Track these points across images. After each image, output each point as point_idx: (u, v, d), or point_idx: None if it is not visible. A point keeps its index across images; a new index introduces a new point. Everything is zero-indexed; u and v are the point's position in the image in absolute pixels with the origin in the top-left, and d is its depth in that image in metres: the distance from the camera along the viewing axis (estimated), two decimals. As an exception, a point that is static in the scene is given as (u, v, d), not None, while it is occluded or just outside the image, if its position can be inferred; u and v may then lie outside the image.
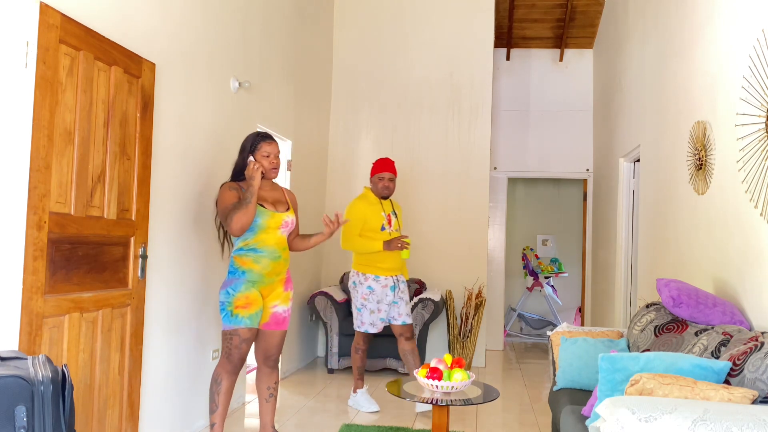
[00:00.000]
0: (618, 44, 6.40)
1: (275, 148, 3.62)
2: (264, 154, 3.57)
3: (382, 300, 4.64)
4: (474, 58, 6.72)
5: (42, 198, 2.53)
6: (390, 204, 4.79)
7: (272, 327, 3.60)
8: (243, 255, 3.51)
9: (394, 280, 4.69)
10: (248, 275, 3.48)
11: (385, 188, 4.69)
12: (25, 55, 2.47)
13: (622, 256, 6.04)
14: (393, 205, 4.82)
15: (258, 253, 3.50)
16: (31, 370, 1.94)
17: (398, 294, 4.69)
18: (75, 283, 2.75)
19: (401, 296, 4.71)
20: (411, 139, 6.76)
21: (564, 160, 7.87)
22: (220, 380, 3.48)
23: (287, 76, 5.49)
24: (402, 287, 4.74)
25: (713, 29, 3.61)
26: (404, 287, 4.77)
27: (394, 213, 4.77)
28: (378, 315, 4.66)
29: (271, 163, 3.59)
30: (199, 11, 3.90)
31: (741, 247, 3.11)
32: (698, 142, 3.75)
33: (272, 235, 3.54)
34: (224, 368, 3.48)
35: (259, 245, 3.51)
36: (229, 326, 3.45)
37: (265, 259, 3.51)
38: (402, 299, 4.70)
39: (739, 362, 2.34)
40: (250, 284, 3.48)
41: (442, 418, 3.17)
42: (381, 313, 4.66)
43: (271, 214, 3.53)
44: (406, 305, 4.72)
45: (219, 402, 3.48)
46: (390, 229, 4.69)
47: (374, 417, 4.50)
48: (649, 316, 3.46)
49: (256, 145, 3.58)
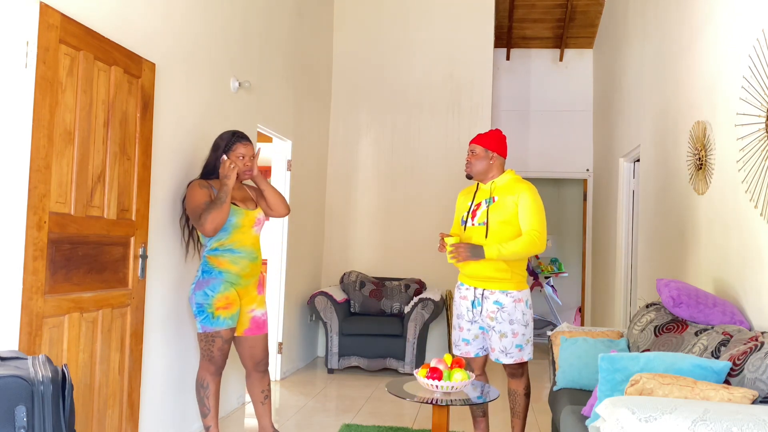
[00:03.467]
0: (618, 44, 6.40)
1: (250, 150, 3.53)
2: (238, 156, 3.48)
3: (461, 315, 3.58)
4: (474, 58, 6.72)
5: (42, 198, 2.53)
6: (489, 189, 3.53)
7: (254, 332, 3.55)
8: (219, 255, 3.41)
9: (476, 294, 3.50)
10: (226, 276, 3.40)
11: (467, 164, 3.57)
12: (25, 55, 2.47)
13: (622, 256, 6.04)
14: (493, 190, 3.51)
15: (236, 254, 3.42)
16: (31, 370, 1.94)
17: (483, 315, 3.47)
18: (75, 283, 2.75)
19: (489, 321, 3.46)
20: (411, 139, 6.75)
21: (564, 160, 7.87)
22: (207, 384, 3.43)
23: (287, 76, 5.49)
24: (491, 307, 3.45)
25: (713, 29, 3.61)
26: (497, 309, 3.44)
27: (490, 200, 3.48)
28: (459, 333, 3.59)
29: (245, 165, 3.50)
30: (200, 11, 3.90)
31: (741, 247, 3.11)
32: (698, 142, 3.75)
33: (248, 235, 3.46)
34: (208, 371, 3.42)
35: (236, 245, 3.42)
36: (211, 328, 3.36)
37: (243, 260, 3.44)
38: (492, 327, 3.46)
39: (739, 362, 2.34)
40: (228, 284, 3.39)
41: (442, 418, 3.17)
42: (462, 331, 3.57)
43: (245, 213, 3.46)
44: (500, 337, 3.44)
45: (210, 405, 3.43)
46: (473, 223, 3.51)
47: (374, 417, 4.50)
48: (649, 316, 3.46)
49: (231, 146, 3.49)
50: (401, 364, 5.81)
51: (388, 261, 6.69)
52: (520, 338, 3.45)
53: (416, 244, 6.60)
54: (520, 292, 3.46)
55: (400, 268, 6.67)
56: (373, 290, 6.20)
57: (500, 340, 3.43)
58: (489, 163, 3.50)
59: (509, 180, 3.52)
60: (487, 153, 3.50)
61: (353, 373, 5.91)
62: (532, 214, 3.41)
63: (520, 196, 3.41)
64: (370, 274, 6.67)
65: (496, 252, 3.33)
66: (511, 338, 3.43)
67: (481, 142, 3.50)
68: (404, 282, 6.29)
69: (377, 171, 6.77)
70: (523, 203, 3.41)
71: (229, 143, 3.51)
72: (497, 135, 3.54)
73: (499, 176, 3.53)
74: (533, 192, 3.45)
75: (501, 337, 3.43)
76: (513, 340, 3.44)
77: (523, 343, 3.46)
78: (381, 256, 6.71)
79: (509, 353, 3.44)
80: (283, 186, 5.55)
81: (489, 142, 3.50)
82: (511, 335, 3.43)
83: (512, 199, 3.42)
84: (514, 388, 3.63)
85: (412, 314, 5.81)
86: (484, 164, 3.50)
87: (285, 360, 5.63)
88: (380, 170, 6.76)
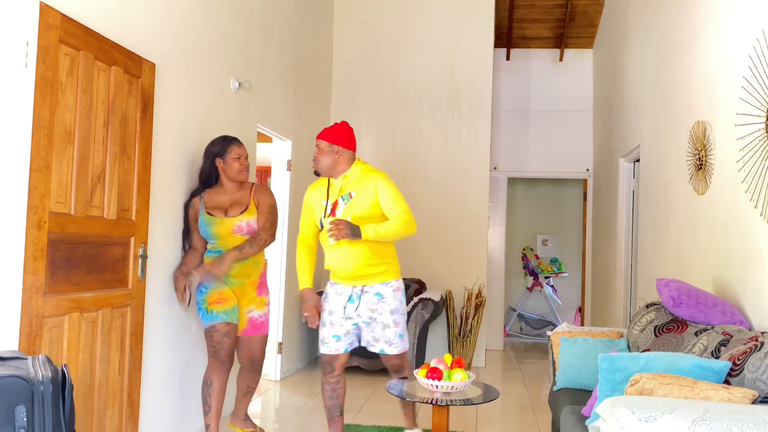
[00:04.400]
0: (618, 44, 6.40)
1: (244, 150, 3.70)
2: (235, 156, 3.64)
3: (334, 311, 3.48)
4: (474, 58, 6.72)
5: (42, 198, 2.53)
6: (342, 185, 3.43)
7: (251, 332, 3.70)
8: (211, 257, 3.60)
9: (353, 291, 3.45)
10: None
11: (313, 161, 3.47)
12: (25, 55, 2.47)
13: (622, 256, 6.04)
14: (346, 186, 3.41)
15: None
16: (31, 370, 1.94)
17: (362, 310, 3.43)
18: (75, 283, 2.75)
19: (370, 314, 3.42)
20: (411, 139, 6.75)
21: (564, 160, 7.87)
22: (211, 382, 3.53)
23: (287, 76, 5.49)
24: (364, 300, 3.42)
25: (713, 29, 3.61)
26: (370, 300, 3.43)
27: (347, 196, 3.39)
28: (330, 330, 3.50)
29: (241, 164, 3.65)
30: (200, 11, 3.90)
31: (741, 247, 3.11)
32: (698, 142, 3.75)
33: (230, 239, 3.57)
34: (213, 368, 3.53)
35: (223, 248, 3.58)
36: (207, 323, 3.52)
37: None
38: (374, 320, 3.42)
39: (739, 362, 2.34)
40: (220, 282, 3.58)
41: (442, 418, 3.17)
42: (334, 327, 3.48)
43: (219, 221, 3.56)
44: (383, 328, 3.42)
45: (212, 404, 3.53)
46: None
47: (374, 417, 4.50)
48: (649, 316, 3.46)
49: (226, 149, 3.63)
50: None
51: (388, 261, 6.68)
52: (401, 327, 3.44)
53: (416, 244, 6.60)
54: (397, 281, 3.45)
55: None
56: (373, 290, 6.20)
57: (383, 331, 3.40)
58: (335, 157, 3.39)
59: (361, 171, 3.42)
60: (332, 147, 3.39)
61: (353, 373, 5.90)
62: (395, 199, 3.34)
63: (377, 184, 3.35)
64: (370, 274, 6.66)
65: (373, 232, 3.26)
66: (393, 328, 3.41)
67: (325, 137, 3.39)
68: (404, 282, 6.29)
69: (377, 171, 6.76)
70: (382, 190, 3.34)
71: (224, 147, 3.64)
72: (342, 128, 3.43)
73: (349, 169, 3.42)
74: (387, 178, 3.41)
75: (384, 328, 3.40)
76: (395, 330, 3.41)
77: (403, 332, 3.46)
78: (381, 256, 6.70)
79: (393, 343, 3.41)
80: (283, 186, 5.55)
81: (333, 137, 3.39)
82: (393, 325, 3.40)
83: (369, 190, 3.34)
84: (335, 402, 3.56)
85: (412, 314, 5.81)
86: (329, 159, 3.39)
87: (285, 360, 5.63)
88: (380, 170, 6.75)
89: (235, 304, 3.59)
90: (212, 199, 3.62)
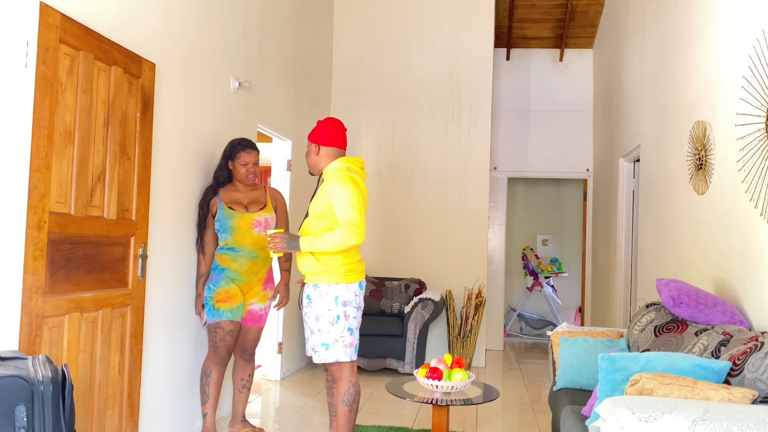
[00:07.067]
0: (618, 44, 6.40)
1: (254, 156, 3.77)
2: (242, 163, 3.75)
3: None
4: (474, 58, 6.72)
5: (42, 198, 2.53)
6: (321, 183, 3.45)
7: (248, 323, 3.83)
8: (223, 254, 3.73)
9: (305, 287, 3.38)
10: (227, 272, 3.71)
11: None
12: (25, 55, 2.47)
13: (622, 256, 6.04)
14: (322, 184, 3.39)
15: (236, 252, 3.71)
16: (31, 370, 1.94)
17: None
18: (75, 283, 2.75)
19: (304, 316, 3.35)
20: (411, 139, 6.75)
21: (564, 160, 7.87)
22: (209, 372, 3.70)
23: (287, 75, 5.49)
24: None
25: (713, 29, 3.61)
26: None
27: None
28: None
29: (248, 171, 3.76)
30: (200, 11, 3.90)
31: (741, 247, 3.11)
32: (698, 142, 3.75)
33: (248, 236, 3.72)
34: (212, 360, 3.70)
35: (236, 245, 3.70)
36: (213, 320, 3.66)
37: (242, 258, 3.72)
38: (305, 322, 3.32)
39: (739, 362, 2.34)
40: (229, 280, 3.70)
41: (442, 418, 3.17)
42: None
43: (240, 215, 3.71)
44: (310, 333, 3.30)
45: (210, 393, 3.70)
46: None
47: (374, 417, 4.50)
48: (649, 316, 3.46)
49: (234, 153, 3.76)
50: (401, 364, 5.81)
51: (388, 261, 6.70)
52: (326, 336, 3.17)
53: (416, 244, 6.60)
54: (329, 286, 3.18)
55: (400, 268, 6.67)
56: (373, 290, 6.20)
57: (311, 336, 3.23)
58: (315, 156, 3.35)
59: (332, 171, 3.29)
60: (311, 146, 3.36)
61: (353, 373, 5.90)
62: (343, 206, 3.12)
63: (331, 189, 3.16)
64: (370, 274, 6.67)
65: (308, 245, 3.13)
66: (317, 335, 3.19)
67: (309, 137, 3.38)
68: (404, 282, 6.29)
69: (377, 171, 6.77)
70: (334, 195, 3.15)
71: (233, 151, 3.77)
72: (322, 125, 3.35)
73: (327, 167, 3.34)
74: (344, 181, 3.15)
75: (310, 334, 3.23)
76: (319, 338, 3.19)
77: (330, 342, 3.18)
78: (381, 256, 6.71)
79: (316, 351, 3.21)
80: (283, 186, 5.55)
81: (313, 134, 3.36)
82: (317, 332, 3.19)
83: (326, 192, 3.20)
84: (331, 399, 3.44)
85: (412, 314, 5.81)
86: (310, 157, 3.38)
87: (285, 360, 5.63)
88: (380, 170, 6.76)
89: (241, 302, 3.73)
90: (228, 196, 3.78)
